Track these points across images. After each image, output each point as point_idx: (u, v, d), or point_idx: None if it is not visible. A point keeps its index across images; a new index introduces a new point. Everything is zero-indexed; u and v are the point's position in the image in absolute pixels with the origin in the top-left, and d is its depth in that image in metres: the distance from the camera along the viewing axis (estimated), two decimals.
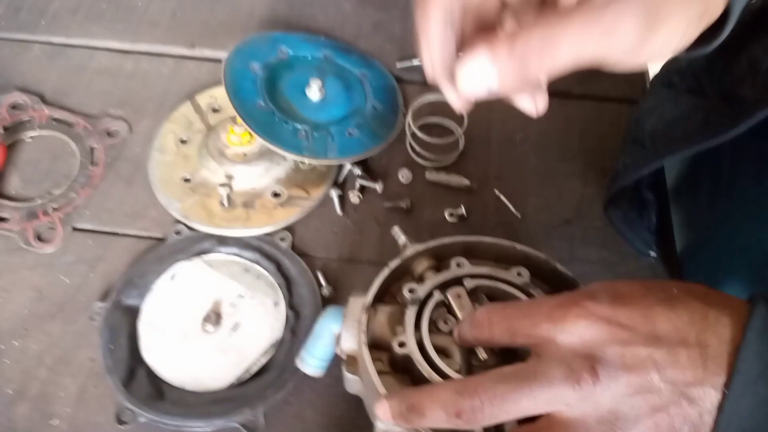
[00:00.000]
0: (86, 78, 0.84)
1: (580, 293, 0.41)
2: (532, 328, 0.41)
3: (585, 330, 0.39)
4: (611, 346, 0.38)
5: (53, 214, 0.71)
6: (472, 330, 0.45)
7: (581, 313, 0.39)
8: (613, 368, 0.37)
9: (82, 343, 0.63)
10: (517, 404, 0.39)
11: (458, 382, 0.43)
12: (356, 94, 0.78)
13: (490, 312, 0.44)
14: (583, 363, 0.38)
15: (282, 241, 0.69)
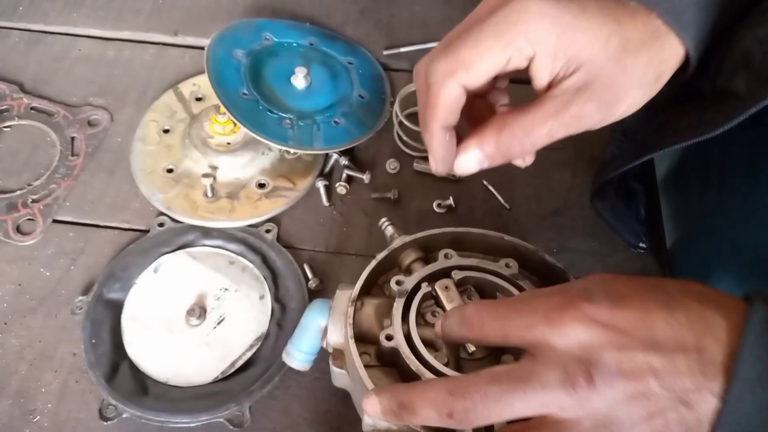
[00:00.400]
0: (66, 66, 0.82)
1: (576, 292, 0.40)
2: (526, 330, 0.40)
3: (582, 334, 0.38)
4: (608, 351, 0.37)
5: (33, 206, 0.70)
6: (462, 329, 0.43)
7: (578, 316, 0.38)
8: (609, 374, 0.36)
9: (63, 337, 0.62)
10: (510, 406, 0.38)
11: (450, 381, 0.41)
12: (342, 82, 0.77)
13: (480, 311, 0.43)
14: (579, 367, 0.37)
15: (267, 233, 0.68)
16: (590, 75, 0.43)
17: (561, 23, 0.42)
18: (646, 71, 0.44)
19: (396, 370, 0.50)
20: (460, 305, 0.47)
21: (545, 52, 0.42)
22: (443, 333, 0.46)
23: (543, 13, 0.42)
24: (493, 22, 0.42)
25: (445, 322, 0.46)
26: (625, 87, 0.44)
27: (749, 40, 0.46)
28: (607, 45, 0.42)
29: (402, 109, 0.73)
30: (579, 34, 0.42)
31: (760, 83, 0.44)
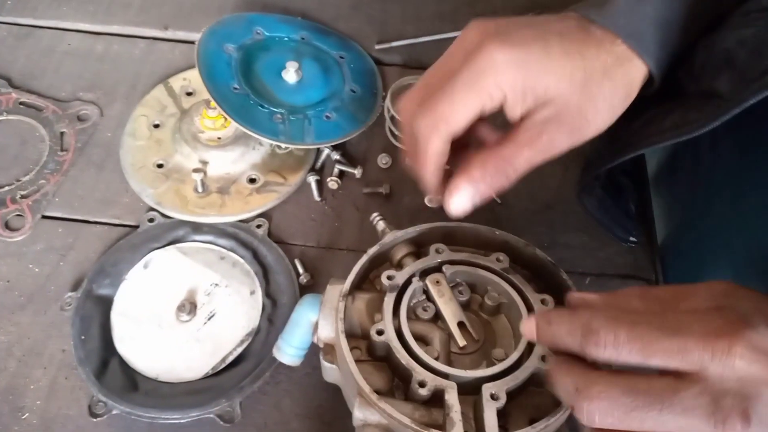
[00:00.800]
0: (55, 60, 0.81)
1: (735, 316, 0.36)
2: (678, 354, 0.35)
3: (747, 367, 0.34)
4: (766, 388, 0.34)
5: (22, 202, 0.69)
6: (588, 346, 0.38)
7: (746, 347, 0.34)
8: (766, 414, 0.34)
9: (52, 334, 0.62)
10: (640, 421, 0.35)
11: (581, 378, 0.38)
12: (334, 76, 0.77)
13: (615, 327, 0.37)
14: (734, 403, 0.34)
15: (258, 228, 0.67)
16: (559, 107, 0.46)
17: (526, 67, 0.45)
18: (612, 96, 0.47)
19: (387, 364, 0.50)
20: (567, 310, 0.42)
21: (514, 93, 0.45)
22: (543, 337, 0.42)
23: (509, 61, 0.45)
24: (464, 75, 0.45)
25: (552, 328, 0.41)
26: (593, 112, 0.46)
27: (732, 41, 0.47)
28: (572, 80, 0.45)
29: (394, 104, 0.73)
30: (544, 75, 0.45)
31: (742, 84, 0.44)
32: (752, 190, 0.54)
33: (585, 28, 0.47)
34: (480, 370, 0.48)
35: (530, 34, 0.46)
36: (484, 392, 0.46)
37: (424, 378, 0.46)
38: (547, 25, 0.47)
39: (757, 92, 0.43)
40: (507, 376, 0.47)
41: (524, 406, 0.49)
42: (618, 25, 0.46)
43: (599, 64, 0.46)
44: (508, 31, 0.46)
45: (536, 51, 0.45)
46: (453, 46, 0.49)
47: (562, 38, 0.46)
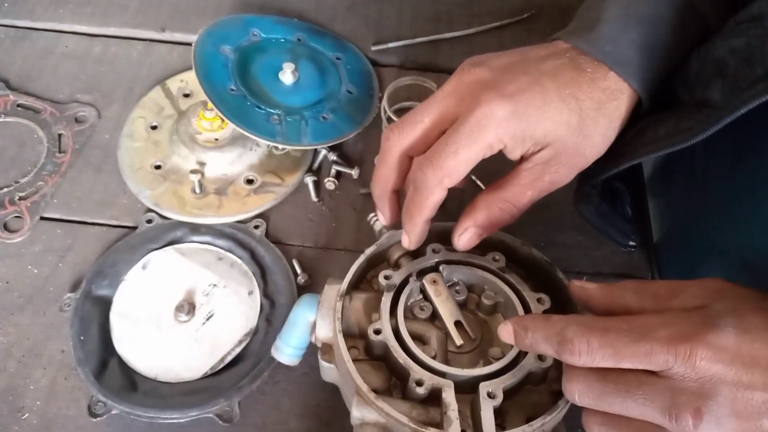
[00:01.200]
0: (53, 62, 0.82)
1: (700, 318, 0.38)
2: (645, 357, 0.38)
3: (708, 367, 0.36)
4: (726, 388, 0.36)
5: (20, 203, 0.70)
6: (564, 354, 0.41)
7: (707, 349, 0.36)
8: (721, 413, 0.36)
9: (52, 334, 0.62)
10: (610, 405, 0.40)
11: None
12: (330, 77, 0.77)
13: (587, 335, 0.40)
14: (689, 400, 0.36)
15: (256, 229, 0.68)
16: (557, 149, 0.48)
17: (525, 117, 0.46)
18: (606, 129, 0.49)
19: (384, 363, 0.51)
20: (543, 316, 0.46)
21: (514, 141, 0.47)
22: (521, 343, 0.45)
23: (508, 116, 0.46)
24: (466, 130, 0.47)
25: (529, 334, 0.43)
26: (590, 147, 0.49)
27: (724, 50, 0.48)
28: (569, 125, 0.47)
29: (390, 105, 0.73)
30: (543, 123, 0.47)
31: (734, 93, 0.45)
32: (745, 193, 0.54)
33: (576, 64, 0.48)
34: (477, 369, 0.48)
35: (526, 81, 0.47)
36: (481, 391, 0.46)
37: (421, 377, 0.47)
38: (539, 66, 0.48)
39: (748, 101, 0.43)
40: (504, 374, 0.48)
41: (521, 404, 0.49)
42: (605, 52, 0.48)
43: (593, 104, 0.48)
44: (504, 81, 0.47)
45: (533, 100, 0.47)
46: (447, 88, 0.50)
47: (557, 81, 0.47)
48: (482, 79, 0.48)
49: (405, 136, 0.50)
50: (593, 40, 0.49)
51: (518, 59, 0.50)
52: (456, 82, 0.50)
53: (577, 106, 0.47)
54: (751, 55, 0.45)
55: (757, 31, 0.45)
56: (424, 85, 0.75)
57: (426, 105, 0.51)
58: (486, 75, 0.48)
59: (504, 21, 0.86)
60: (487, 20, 0.86)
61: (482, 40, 0.85)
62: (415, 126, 0.50)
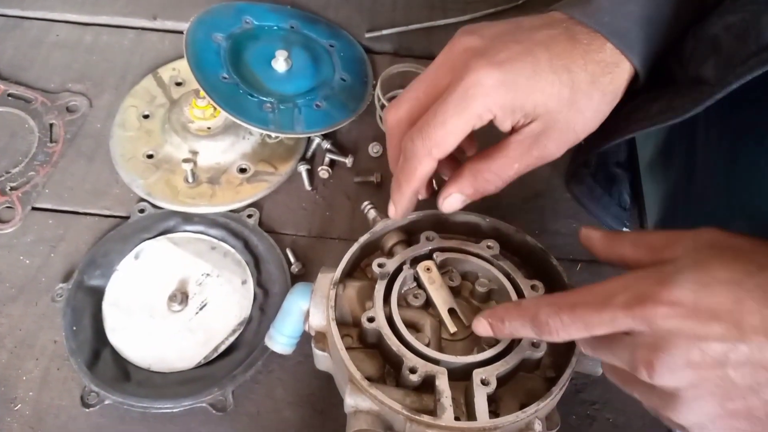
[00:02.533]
0: (44, 52, 0.81)
1: (656, 277, 0.39)
2: (611, 324, 0.40)
3: (664, 323, 0.38)
4: (681, 340, 0.37)
5: (11, 194, 0.69)
6: (543, 336, 0.43)
7: (664, 305, 0.38)
8: (674, 364, 0.37)
9: (44, 325, 0.62)
10: (593, 352, 0.43)
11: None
12: (324, 65, 0.76)
13: (558, 313, 0.41)
14: (644, 354, 0.38)
15: (249, 218, 0.67)
16: (548, 122, 0.47)
17: (515, 88, 0.46)
18: (600, 103, 0.48)
19: (378, 351, 0.51)
20: (516, 303, 0.47)
21: (504, 112, 0.47)
22: (500, 333, 0.46)
23: (497, 84, 0.45)
24: (455, 99, 0.46)
25: (506, 324, 0.45)
26: (582, 122, 0.48)
27: (719, 27, 0.47)
28: (560, 97, 0.46)
29: (384, 92, 0.73)
30: (532, 94, 0.46)
31: (727, 69, 0.45)
32: (745, 175, 0.54)
33: (571, 34, 0.47)
34: (470, 356, 0.48)
35: (517, 50, 0.46)
36: (475, 378, 0.46)
37: (414, 364, 0.47)
38: (532, 35, 0.47)
39: (741, 76, 0.43)
40: (497, 361, 0.47)
41: (515, 391, 0.49)
42: (602, 23, 0.47)
43: (587, 76, 0.47)
44: (494, 49, 0.47)
45: (523, 70, 0.46)
46: (439, 59, 0.50)
47: (549, 51, 0.46)
48: (473, 47, 0.47)
49: (401, 112, 0.50)
50: (591, 11, 0.48)
51: (512, 28, 0.49)
52: (447, 51, 0.49)
53: (569, 78, 0.46)
54: (744, 31, 0.45)
55: (752, 7, 0.45)
56: (419, 72, 0.75)
57: (419, 78, 0.50)
58: (477, 43, 0.47)
59: (498, 8, 0.86)
60: (482, 7, 0.85)
61: None
62: (410, 101, 0.50)
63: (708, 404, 0.38)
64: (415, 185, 0.50)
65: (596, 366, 0.51)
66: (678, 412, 0.39)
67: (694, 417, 0.39)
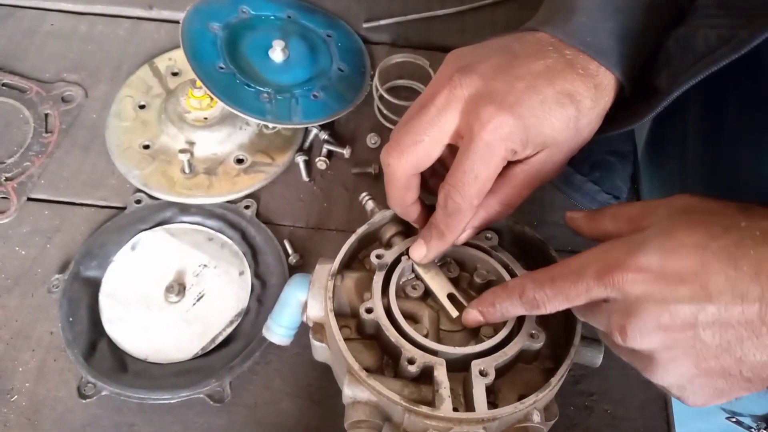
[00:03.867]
0: (38, 41, 0.80)
1: (624, 247, 0.41)
2: (586, 294, 0.42)
3: (633, 288, 0.39)
4: (651, 304, 0.39)
5: (6, 184, 0.68)
6: (533, 311, 0.45)
7: (632, 271, 0.40)
8: (645, 328, 0.39)
9: (40, 316, 0.61)
10: (583, 316, 0.45)
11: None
12: (321, 55, 0.76)
13: (542, 288, 0.44)
14: (617, 320, 0.40)
15: (246, 209, 0.67)
16: (553, 151, 0.48)
17: (527, 127, 0.46)
18: (596, 123, 0.49)
19: (376, 342, 0.50)
20: (501, 287, 0.48)
21: (521, 147, 0.47)
22: (492, 317, 0.48)
23: (512, 129, 0.45)
24: (479, 153, 0.46)
25: (497, 307, 0.47)
26: (581, 141, 0.49)
27: (672, 39, 0.49)
28: (567, 129, 0.47)
29: (382, 83, 0.73)
30: (543, 130, 0.47)
31: (673, 79, 0.47)
32: (725, 164, 0.55)
33: (567, 61, 0.48)
34: (469, 347, 0.48)
35: (521, 88, 0.46)
36: (473, 369, 0.46)
37: (413, 355, 0.47)
38: (530, 67, 0.47)
39: (682, 84, 0.46)
40: (496, 352, 0.47)
41: (513, 382, 0.49)
42: (586, 44, 0.48)
43: (589, 102, 0.48)
44: (500, 92, 0.46)
45: (533, 109, 0.46)
46: (440, 101, 0.47)
47: (553, 85, 0.47)
48: (476, 92, 0.47)
49: (406, 158, 0.49)
50: (572, 30, 0.49)
51: (506, 60, 0.48)
52: (448, 95, 0.47)
53: (575, 108, 0.47)
54: (687, 43, 0.47)
55: (695, 21, 0.48)
56: (417, 62, 0.75)
57: (421, 121, 0.48)
58: (479, 85, 0.47)
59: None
60: None
61: (475, 17, 0.84)
62: (415, 147, 0.48)
63: (683, 365, 0.40)
64: (458, 234, 0.50)
65: (595, 357, 0.51)
66: (656, 374, 0.41)
67: (671, 378, 0.41)
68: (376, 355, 0.50)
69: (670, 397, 0.59)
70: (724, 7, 0.47)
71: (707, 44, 0.45)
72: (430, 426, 0.44)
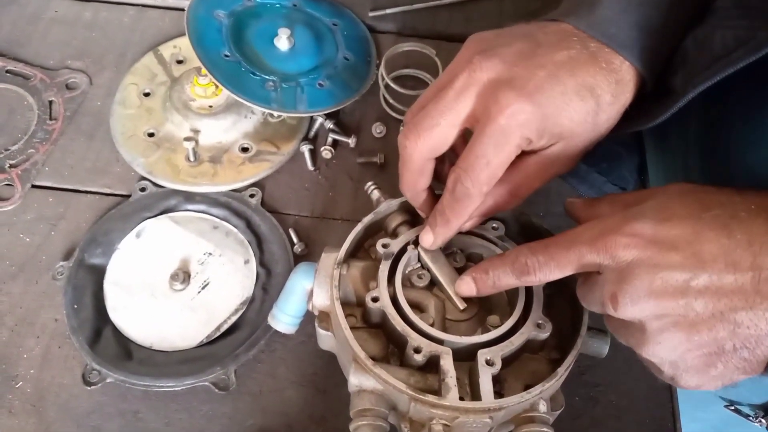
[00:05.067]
0: (42, 28, 0.80)
1: (620, 218, 0.41)
2: (578, 262, 0.42)
3: (625, 254, 0.39)
4: (643, 270, 0.39)
5: (11, 171, 0.68)
6: (522, 277, 0.45)
7: (624, 236, 0.40)
8: (636, 294, 0.39)
9: (45, 303, 0.61)
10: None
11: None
12: (327, 44, 0.76)
13: (535, 254, 0.44)
14: (609, 288, 0.40)
15: (251, 198, 0.67)
16: (569, 144, 0.48)
17: (545, 116, 0.45)
18: (615, 119, 0.48)
19: (382, 331, 0.50)
20: (497, 255, 0.49)
21: (537, 136, 0.46)
22: (485, 287, 0.48)
23: (530, 117, 0.45)
24: (493, 138, 0.45)
25: (490, 274, 0.47)
26: (597, 137, 0.48)
27: (689, 39, 0.48)
28: (585, 122, 0.46)
29: (388, 72, 0.72)
30: (561, 121, 0.46)
31: (689, 79, 0.46)
32: (726, 154, 0.54)
33: (590, 53, 0.46)
34: (475, 336, 0.48)
35: (542, 76, 0.45)
36: (480, 358, 0.46)
37: (419, 344, 0.46)
38: (553, 56, 0.46)
39: (697, 86, 0.45)
40: (502, 342, 0.47)
41: (519, 372, 0.49)
42: (610, 36, 0.47)
43: (609, 97, 0.46)
44: (521, 78, 0.45)
45: (552, 99, 0.45)
46: (459, 84, 0.47)
47: (575, 76, 0.45)
48: (497, 77, 0.46)
49: (423, 142, 0.48)
50: (595, 22, 0.47)
51: (529, 47, 0.47)
52: (468, 77, 0.46)
53: (594, 102, 0.46)
54: (704, 43, 0.46)
55: (712, 21, 0.47)
56: (423, 51, 0.74)
57: (439, 105, 0.47)
58: (500, 70, 0.46)
59: None
60: None
61: (481, 6, 0.83)
62: (431, 130, 0.47)
63: (674, 336, 0.39)
64: (465, 219, 0.50)
65: (601, 348, 0.51)
66: (647, 347, 0.40)
67: (663, 351, 0.40)
68: (382, 344, 0.50)
69: (675, 388, 0.59)
70: (742, 7, 0.46)
71: (724, 45, 0.45)
72: (436, 415, 0.44)
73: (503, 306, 0.52)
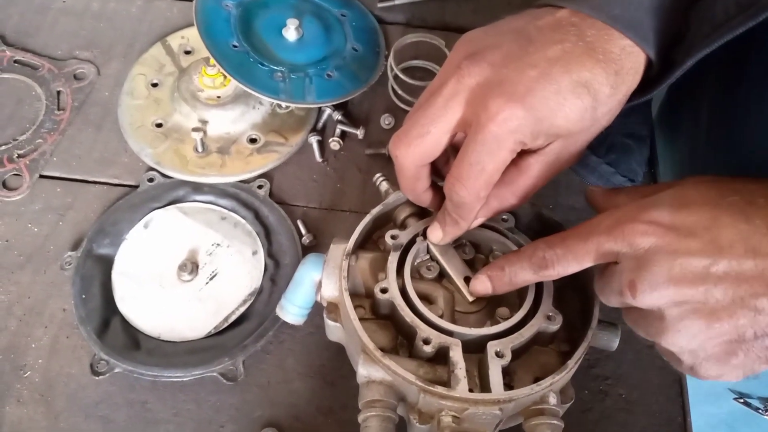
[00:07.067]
0: (50, 18, 0.80)
1: (636, 207, 0.41)
2: (595, 253, 0.42)
3: (642, 241, 0.39)
4: (662, 257, 0.38)
5: (19, 161, 0.68)
6: (540, 271, 0.45)
7: (641, 224, 0.40)
8: (655, 281, 0.38)
9: (53, 293, 0.61)
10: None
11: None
12: (335, 34, 0.75)
13: (552, 247, 0.44)
14: (627, 276, 0.40)
15: (259, 189, 0.67)
16: (568, 141, 0.47)
17: (539, 118, 0.43)
18: (616, 109, 0.46)
19: (391, 323, 0.50)
20: (513, 252, 0.49)
21: (531, 139, 0.45)
22: (501, 284, 0.47)
23: (522, 121, 0.43)
24: (485, 146, 0.44)
25: (506, 272, 0.46)
26: (598, 129, 0.48)
27: (691, 13, 0.47)
28: (582, 119, 0.45)
29: (397, 63, 0.72)
30: (556, 121, 0.44)
31: (689, 49, 0.45)
32: (740, 136, 0.54)
33: (587, 45, 0.44)
34: (485, 328, 0.47)
35: (534, 76, 0.43)
36: (489, 350, 0.46)
37: (428, 335, 0.46)
38: (546, 52, 0.44)
39: (693, 56, 0.44)
40: (512, 334, 0.47)
41: (529, 364, 0.49)
42: (614, 17, 0.44)
43: (607, 89, 0.44)
44: (510, 81, 0.43)
45: (546, 99, 0.43)
46: (447, 91, 0.45)
47: (569, 73, 0.43)
48: (485, 81, 0.44)
49: (414, 150, 0.47)
50: (598, 3, 0.45)
51: (519, 46, 0.45)
52: (455, 84, 0.45)
53: (592, 98, 0.44)
54: (705, 13, 0.45)
55: None
56: (432, 42, 0.74)
57: (427, 112, 0.46)
58: (488, 74, 0.44)
59: None
60: None
61: None
62: (421, 138, 0.46)
63: (694, 324, 0.39)
64: (472, 220, 0.50)
65: (611, 341, 0.50)
66: (667, 336, 0.40)
67: (683, 340, 0.40)
68: (390, 335, 0.50)
69: (685, 381, 0.59)
70: None
71: (726, 12, 0.44)
72: (446, 406, 0.44)
73: (513, 298, 0.51)
